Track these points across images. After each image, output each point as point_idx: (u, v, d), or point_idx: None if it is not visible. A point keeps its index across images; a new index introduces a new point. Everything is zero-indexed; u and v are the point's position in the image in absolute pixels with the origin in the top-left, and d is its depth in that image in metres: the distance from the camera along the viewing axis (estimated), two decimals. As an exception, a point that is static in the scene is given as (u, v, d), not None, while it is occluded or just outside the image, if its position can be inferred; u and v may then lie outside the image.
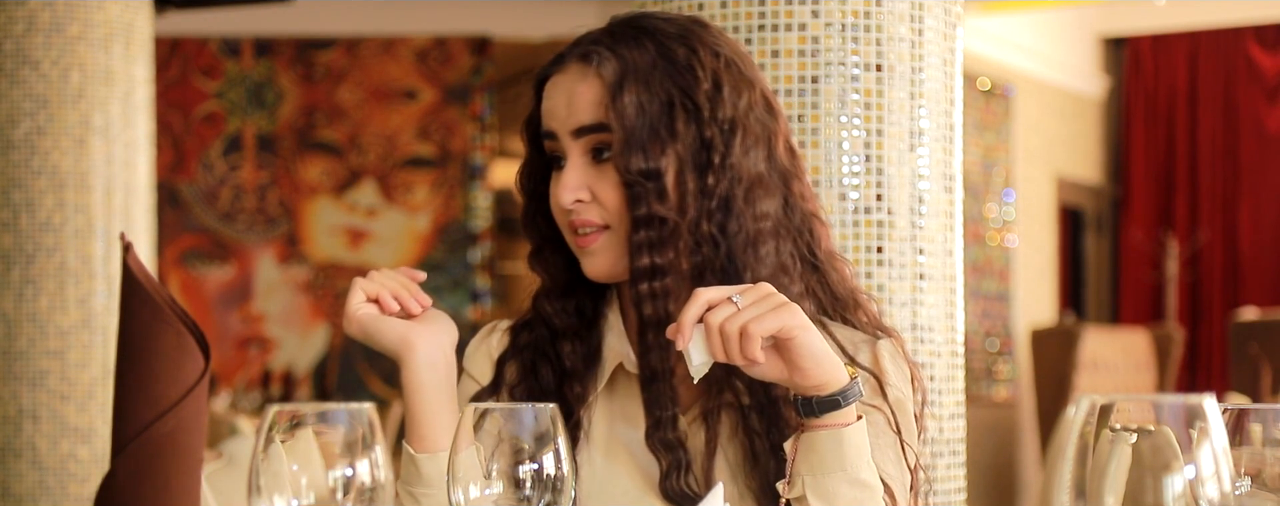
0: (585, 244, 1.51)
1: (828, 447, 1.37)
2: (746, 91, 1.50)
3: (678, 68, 1.48)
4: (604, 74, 1.48)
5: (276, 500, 1.05)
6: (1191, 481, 0.94)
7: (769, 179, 1.50)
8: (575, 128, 1.49)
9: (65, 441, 4.51)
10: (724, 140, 1.48)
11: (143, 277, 1.11)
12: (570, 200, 1.49)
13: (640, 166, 1.46)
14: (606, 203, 1.49)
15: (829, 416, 1.36)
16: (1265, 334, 6.88)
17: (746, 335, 1.31)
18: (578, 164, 1.50)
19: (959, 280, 2.08)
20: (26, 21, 4.57)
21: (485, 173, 8.14)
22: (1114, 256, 9.75)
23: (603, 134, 1.48)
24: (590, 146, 1.50)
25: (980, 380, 8.09)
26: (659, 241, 1.47)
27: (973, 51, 7.63)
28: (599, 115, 1.48)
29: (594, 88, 1.49)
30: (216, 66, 8.09)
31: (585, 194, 1.50)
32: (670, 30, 1.51)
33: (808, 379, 1.35)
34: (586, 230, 1.50)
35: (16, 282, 4.55)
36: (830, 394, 1.36)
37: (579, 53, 1.51)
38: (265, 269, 8.09)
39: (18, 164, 4.57)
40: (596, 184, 1.49)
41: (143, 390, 1.09)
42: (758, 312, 1.32)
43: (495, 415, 1.12)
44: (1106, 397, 0.95)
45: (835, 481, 1.37)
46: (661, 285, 1.47)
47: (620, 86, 1.47)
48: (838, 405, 1.36)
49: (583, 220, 1.50)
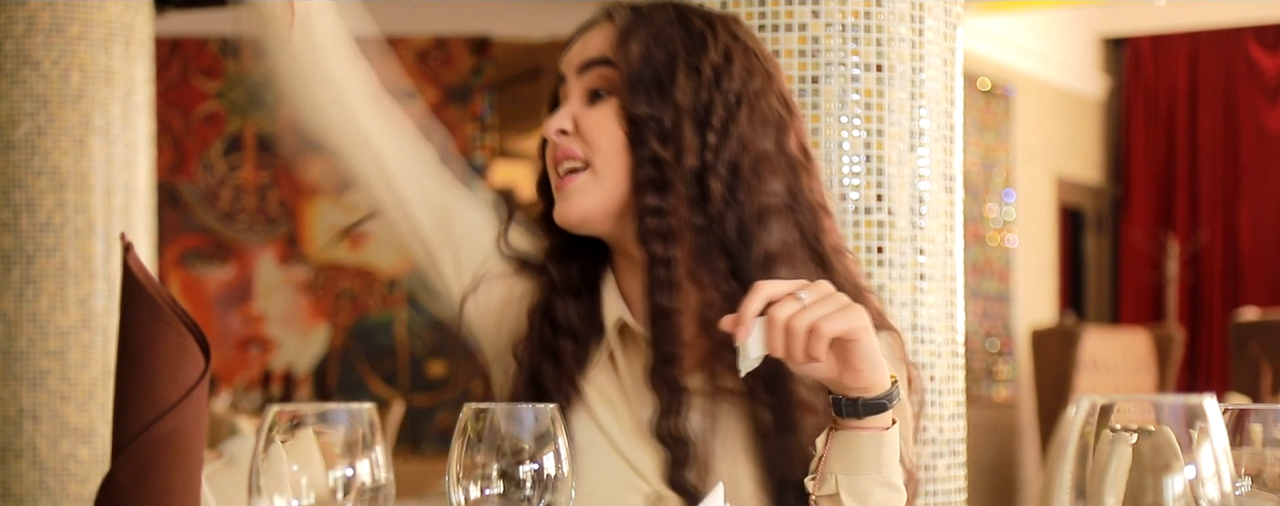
0: (562, 185, 1.53)
1: (867, 449, 1.37)
2: (759, 78, 1.53)
3: (691, 34, 1.53)
4: (617, 21, 1.54)
5: (277, 500, 1.05)
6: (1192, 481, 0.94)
7: (777, 161, 1.52)
8: (582, 63, 1.54)
9: (65, 441, 4.51)
10: (727, 108, 1.51)
11: (143, 278, 1.11)
12: (554, 130, 1.53)
13: (644, 106, 1.50)
14: (592, 139, 1.52)
15: (869, 419, 1.37)
16: (1265, 334, 6.88)
17: (816, 333, 1.31)
18: (573, 100, 1.55)
19: (959, 280, 2.08)
20: (26, 22, 4.57)
21: (485, 173, 8.14)
22: (1114, 256, 9.75)
23: (605, 68, 1.53)
24: (590, 85, 1.54)
25: (980, 380, 8.09)
26: (659, 181, 1.49)
27: (973, 51, 7.63)
28: (605, 52, 1.53)
29: (606, 31, 1.55)
30: (217, 66, 8.09)
31: (570, 125, 1.53)
32: (697, 10, 1.56)
33: (859, 380, 1.35)
34: (570, 165, 1.53)
35: (17, 283, 4.55)
36: (875, 397, 1.36)
37: (605, 11, 1.57)
38: (265, 269, 8.09)
39: (18, 164, 4.57)
40: (585, 120, 1.53)
41: (143, 390, 1.09)
42: (826, 311, 1.32)
43: (495, 415, 1.12)
44: (1107, 398, 0.95)
45: (869, 482, 1.37)
46: (665, 223, 1.49)
47: (630, 32, 1.52)
48: (883, 408, 1.37)
49: (564, 151, 1.53)
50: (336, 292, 8.09)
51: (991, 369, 8.22)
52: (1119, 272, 9.71)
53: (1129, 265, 9.61)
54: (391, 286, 8.11)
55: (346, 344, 8.11)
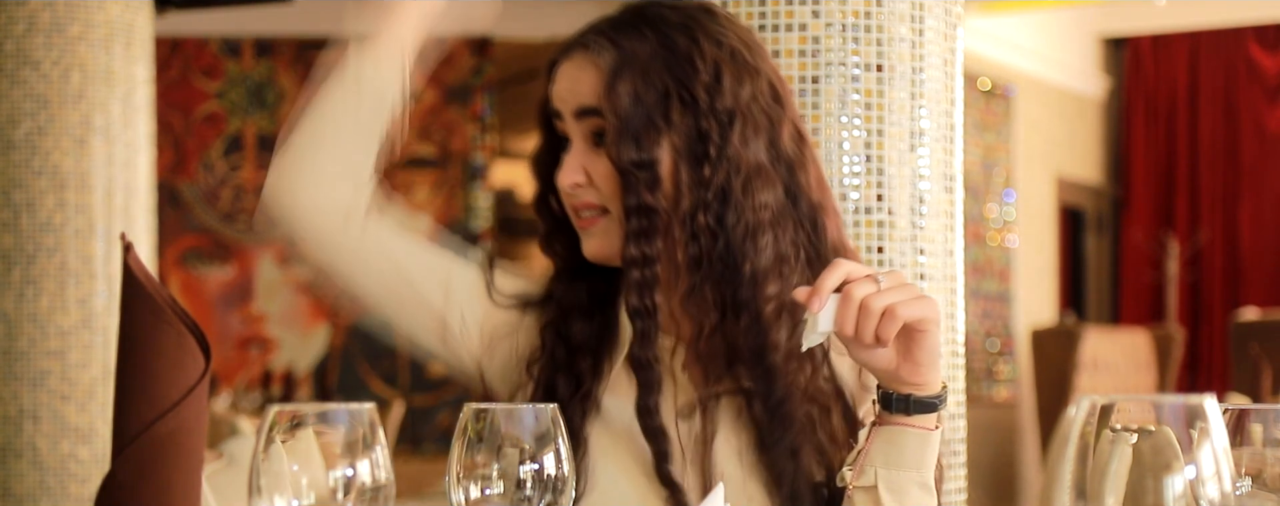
0: (586, 226, 1.53)
1: (912, 446, 1.38)
2: (749, 80, 1.49)
3: (677, 58, 1.48)
4: (601, 63, 1.50)
5: (277, 500, 1.05)
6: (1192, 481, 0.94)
7: (770, 169, 1.49)
8: (576, 109, 1.52)
9: (65, 441, 4.51)
10: (721, 131, 1.47)
11: (143, 278, 1.11)
12: (568, 183, 1.51)
13: (632, 156, 1.47)
14: (602, 187, 1.51)
15: (918, 418, 1.38)
16: (1266, 334, 6.87)
17: (891, 315, 1.32)
18: (579, 147, 1.52)
19: (959, 280, 2.08)
20: (27, 22, 4.57)
21: (486, 173, 8.14)
22: (1114, 256, 9.75)
23: (599, 119, 1.50)
24: (590, 130, 1.52)
25: (980, 380, 8.09)
26: (648, 230, 1.47)
27: (973, 51, 7.63)
28: (596, 101, 1.50)
29: (592, 74, 1.50)
30: (217, 66, 8.09)
31: (582, 176, 1.51)
32: (674, 19, 1.51)
33: (916, 375, 1.36)
34: (587, 213, 1.52)
35: (17, 283, 4.55)
36: (928, 396, 1.37)
37: (582, 40, 1.53)
38: (266, 269, 8.09)
39: (18, 164, 4.57)
40: (593, 168, 1.51)
41: (143, 390, 1.09)
42: (903, 297, 1.33)
43: (495, 415, 1.12)
44: (1107, 398, 0.95)
45: (908, 480, 1.38)
46: (648, 274, 1.47)
47: (616, 75, 1.48)
48: (933, 408, 1.38)
49: (582, 202, 1.52)
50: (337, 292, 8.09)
51: (991, 369, 8.22)
52: (1119, 272, 9.71)
53: (1129, 265, 9.61)
54: (392, 286, 8.10)
55: (346, 344, 8.11)
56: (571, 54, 1.54)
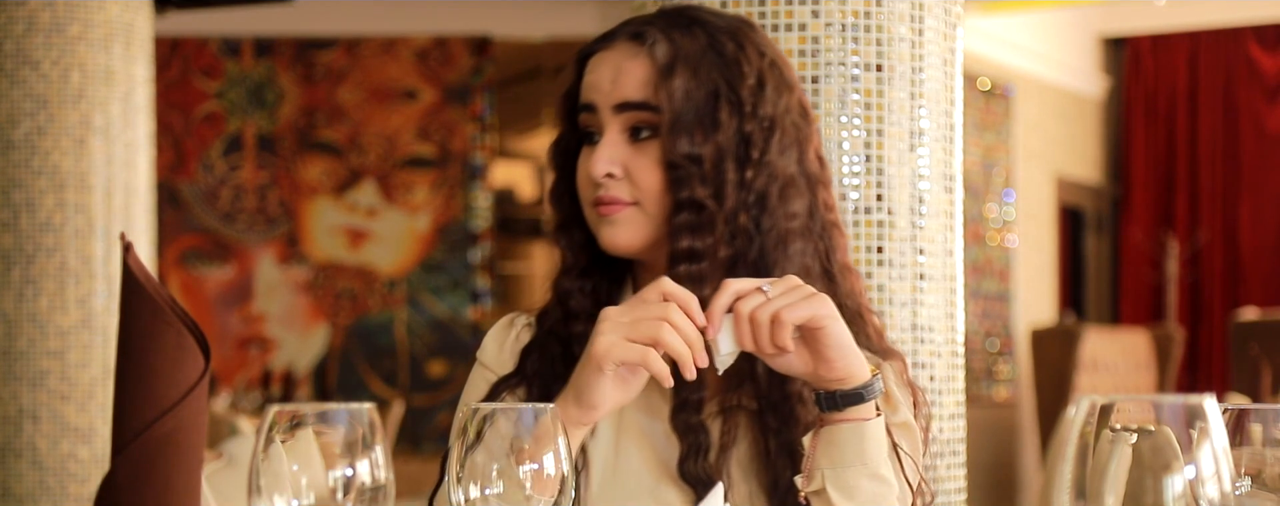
0: (608, 214, 1.51)
1: (848, 441, 1.38)
2: (786, 94, 1.52)
3: (726, 60, 1.50)
4: (656, 55, 1.50)
5: (276, 500, 1.05)
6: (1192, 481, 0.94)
7: (799, 181, 1.52)
8: (619, 102, 1.50)
9: (65, 441, 4.51)
10: (763, 137, 1.49)
11: (143, 277, 1.11)
12: (602, 172, 1.50)
13: (686, 150, 1.47)
14: (639, 182, 1.50)
15: (851, 410, 1.38)
16: (1265, 334, 6.87)
17: (778, 322, 1.33)
18: (614, 139, 1.51)
19: (959, 280, 2.08)
20: (26, 22, 4.57)
21: (485, 173, 8.14)
22: (1114, 256, 9.75)
23: (646, 113, 1.49)
24: (629, 124, 1.51)
25: (980, 380, 8.09)
26: (699, 225, 1.48)
27: (973, 51, 7.63)
28: (646, 94, 1.49)
29: (644, 66, 1.50)
30: (217, 66, 8.09)
31: (618, 169, 1.50)
32: (721, 24, 1.53)
33: (833, 371, 1.36)
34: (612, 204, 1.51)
35: (16, 283, 4.55)
36: (853, 387, 1.38)
37: (630, 32, 1.52)
38: (265, 269, 8.09)
39: (18, 164, 4.57)
40: (631, 161, 1.50)
41: (143, 390, 1.09)
42: (789, 301, 1.34)
43: (495, 415, 1.12)
44: (1106, 398, 0.95)
45: (855, 475, 1.38)
46: (699, 269, 1.48)
47: (671, 69, 1.49)
48: (861, 399, 1.38)
49: (611, 196, 1.50)
50: (336, 292, 8.09)
51: (991, 369, 8.22)
52: (1119, 273, 9.71)
53: (1129, 265, 9.61)
54: (391, 286, 8.11)
55: (346, 344, 8.11)
56: (613, 45, 1.53)
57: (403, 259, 8.12)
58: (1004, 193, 8.35)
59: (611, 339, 1.36)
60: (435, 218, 8.13)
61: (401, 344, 8.11)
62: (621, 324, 1.36)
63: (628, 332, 1.36)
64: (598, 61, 1.53)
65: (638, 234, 1.51)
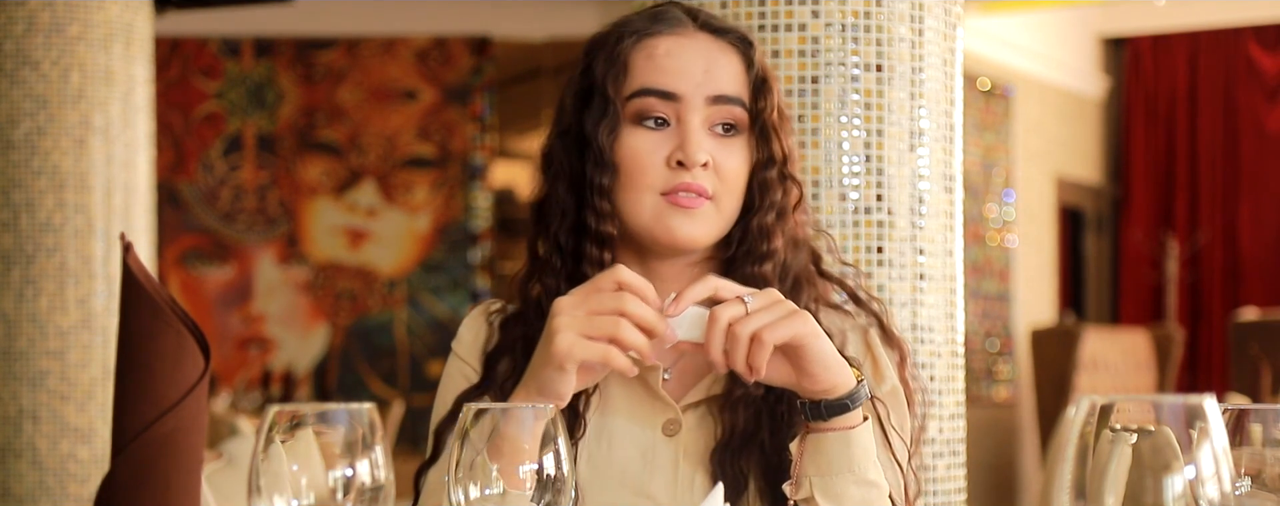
0: (693, 204, 1.47)
1: (836, 449, 1.37)
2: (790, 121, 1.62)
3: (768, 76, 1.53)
4: (753, 58, 1.51)
5: (276, 500, 1.05)
6: (1191, 481, 0.94)
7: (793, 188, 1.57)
8: (715, 94, 1.48)
9: (65, 441, 4.51)
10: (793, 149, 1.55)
11: (143, 278, 1.11)
12: (702, 160, 1.46)
13: (779, 152, 1.50)
14: (726, 176, 1.48)
15: (836, 419, 1.37)
16: (1265, 334, 6.87)
17: (758, 341, 1.31)
18: (701, 129, 1.48)
19: (959, 280, 2.08)
20: (26, 22, 4.57)
21: (485, 173, 8.14)
22: (1114, 256, 9.75)
23: (738, 108, 1.49)
24: (717, 118, 1.49)
25: (980, 380, 8.09)
26: (773, 229, 1.50)
27: (973, 51, 7.63)
28: (741, 90, 1.50)
29: (737, 63, 1.51)
30: (216, 66, 8.09)
31: (709, 158, 1.48)
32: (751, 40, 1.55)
33: (816, 384, 1.35)
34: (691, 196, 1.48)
35: (16, 283, 4.55)
36: (838, 398, 1.36)
37: (707, 28, 1.52)
38: (265, 269, 8.09)
39: (18, 164, 4.57)
40: (719, 154, 1.48)
41: (143, 390, 1.09)
42: (770, 319, 1.32)
43: (495, 415, 1.12)
44: (1106, 398, 0.95)
45: (843, 482, 1.37)
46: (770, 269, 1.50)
47: (765, 75, 1.51)
48: (846, 409, 1.37)
49: (698, 186, 1.47)
50: (336, 292, 8.09)
51: (991, 369, 8.22)
52: (1119, 272, 9.71)
53: (1129, 265, 9.61)
54: (391, 286, 8.11)
55: (346, 344, 8.10)
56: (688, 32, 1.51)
57: (403, 259, 8.12)
58: (1004, 193, 8.35)
59: (570, 338, 1.32)
60: (435, 218, 8.13)
61: (401, 344, 8.11)
62: (577, 319, 1.33)
63: (585, 329, 1.33)
64: (676, 47, 1.50)
65: (711, 230, 1.49)
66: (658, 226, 1.48)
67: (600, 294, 1.34)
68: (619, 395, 1.51)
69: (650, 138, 1.48)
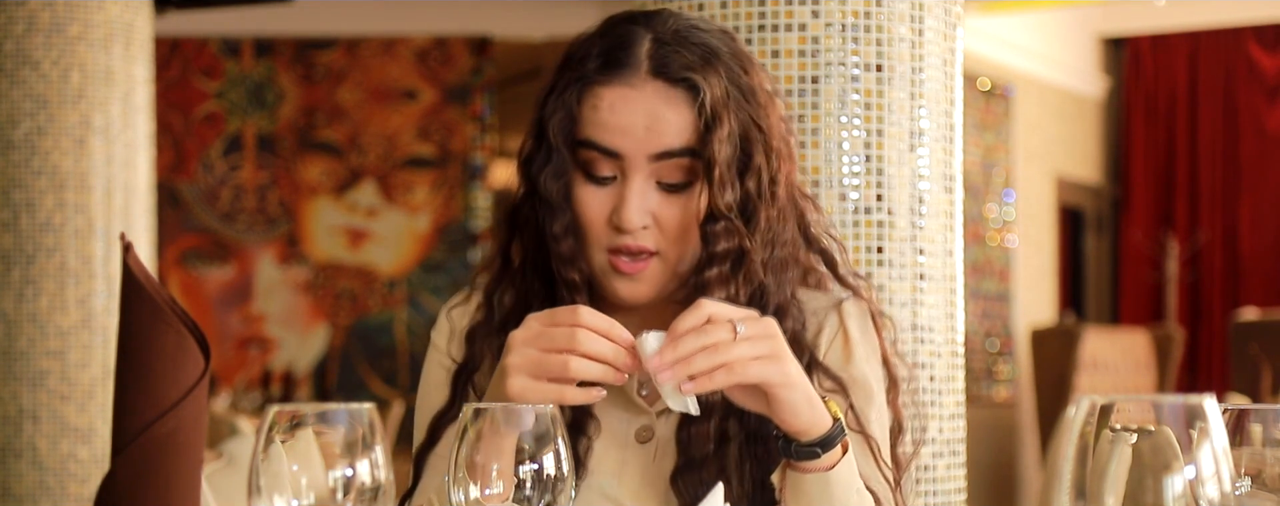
0: (633, 270, 1.42)
1: (815, 490, 1.35)
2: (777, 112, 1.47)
3: (744, 92, 1.43)
4: (703, 104, 1.39)
5: (276, 500, 1.05)
6: (1191, 481, 0.94)
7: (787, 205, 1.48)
8: (657, 153, 1.40)
9: (65, 441, 4.51)
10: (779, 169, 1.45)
11: (143, 278, 1.11)
12: (639, 224, 1.40)
13: (728, 200, 1.40)
14: (667, 230, 1.42)
15: (808, 463, 1.34)
16: (1265, 334, 6.87)
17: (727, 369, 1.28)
18: (644, 188, 1.41)
19: (959, 280, 2.08)
20: (26, 21, 4.57)
21: (485, 173, 8.14)
22: (1114, 256, 9.75)
23: (687, 159, 1.40)
24: (663, 174, 1.42)
25: (980, 380, 8.09)
26: (733, 275, 1.42)
27: (973, 51, 7.63)
28: (686, 142, 1.40)
29: (683, 115, 1.40)
30: (216, 66, 8.09)
31: (649, 219, 1.42)
32: (725, 49, 1.44)
33: (787, 426, 1.33)
34: (636, 258, 1.43)
35: (16, 283, 4.55)
36: (809, 442, 1.33)
37: (656, 72, 1.41)
38: (265, 269, 8.09)
39: (18, 164, 4.57)
40: (660, 210, 1.42)
41: (143, 390, 1.09)
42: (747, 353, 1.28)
43: (495, 415, 1.12)
44: (1106, 398, 0.95)
45: None
46: None
47: (716, 118, 1.39)
48: (816, 455, 1.33)
49: (639, 246, 1.42)
50: (336, 292, 8.09)
51: (991, 369, 8.22)
52: (1119, 272, 9.71)
53: (1129, 265, 9.61)
54: (391, 286, 8.11)
55: (346, 344, 8.11)
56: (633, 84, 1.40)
57: (403, 259, 8.12)
58: (1004, 193, 8.35)
59: (521, 382, 1.29)
60: (435, 218, 8.13)
61: (401, 344, 8.11)
62: (530, 360, 1.29)
63: (536, 371, 1.29)
64: (619, 101, 1.40)
65: (654, 287, 1.44)
66: (604, 283, 1.45)
67: (554, 331, 1.30)
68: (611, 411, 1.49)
69: (596, 195, 1.42)
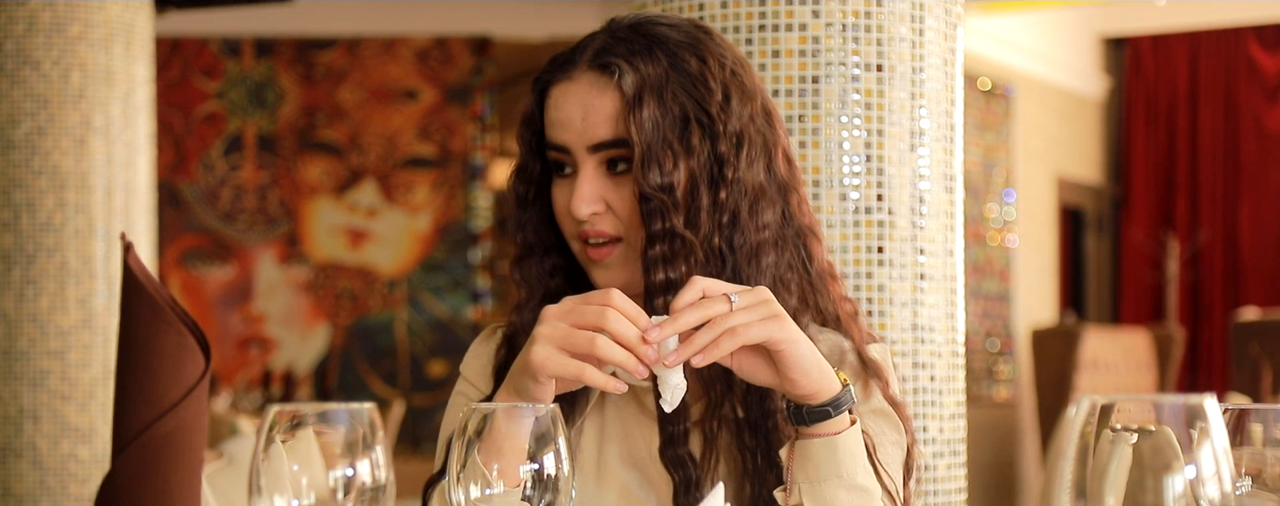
0: (599, 257, 1.48)
1: (822, 456, 1.36)
2: (749, 102, 1.48)
3: (691, 80, 1.46)
4: (623, 87, 1.44)
5: (277, 500, 1.05)
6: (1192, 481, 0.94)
7: (769, 190, 1.48)
8: (593, 143, 1.46)
9: (66, 441, 4.51)
10: (734, 154, 1.46)
11: (143, 278, 1.11)
12: (587, 212, 1.46)
13: (657, 181, 1.43)
14: (621, 214, 1.46)
15: (821, 425, 1.35)
16: (1266, 334, 6.87)
17: (731, 334, 1.30)
18: (592, 175, 1.46)
19: (959, 280, 2.08)
20: (27, 21, 4.57)
21: (486, 173, 8.14)
22: (1114, 256, 9.75)
23: (620, 148, 1.45)
24: (605, 160, 1.47)
25: (980, 380, 8.09)
26: (673, 256, 1.44)
27: (973, 51, 7.63)
28: (618, 130, 1.45)
29: (612, 101, 1.45)
30: (217, 66, 8.09)
31: (600, 205, 1.46)
32: (678, 38, 1.48)
33: (797, 388, 1.34)
34: (598, 241, 1.47)
35: (17, 283, 4.55)
36: (820, 404, 1.35)
37: (592, 62, 1.47)
38: (266, 269, 8.09)
39: (18, 164, 4.57)
40: (611, 195, 1.47)
41: (143, 390, 1.09)
42: (749, 318, 1.30)
43: (495, 415, 1.12)
44: (1107, 398, 0.95)
45: (831, 488, 1.36)
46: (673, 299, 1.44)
47: (639, 100, 1.44)
48: (828, 415, 1.35)
49: (596, 231, 1.47)
50: (336, 292, 8.09)
51: (991, 369, 8.22)
52: (1119, 272, 9.71)
53: (1129, 265, 9.61)
54: (391, 286, 8.11)
55: (346, 344, 8.10)
56: (575, 76, 1.48)
57: (403, 259, 8.12)
58: (1004, 193, 8.35)
59: (546, 351, 1.31)
60: (435, 218, 8.13)
61: (402, 344, 8.11)
62: (558, 331, 1.32)
63: (563, 343, 1.31)
64: (563, 95, 1.48)
65: (629, 272, 1.47)
66: (587, 272, 1.50)
67: (586, 307, 1.33)
68: (613, 417, 1.51)
69: (563, 189, 1.49)
